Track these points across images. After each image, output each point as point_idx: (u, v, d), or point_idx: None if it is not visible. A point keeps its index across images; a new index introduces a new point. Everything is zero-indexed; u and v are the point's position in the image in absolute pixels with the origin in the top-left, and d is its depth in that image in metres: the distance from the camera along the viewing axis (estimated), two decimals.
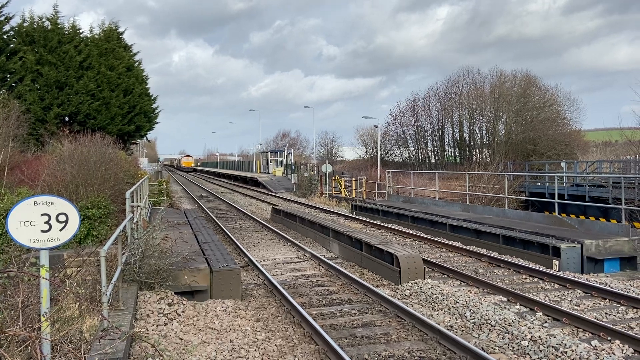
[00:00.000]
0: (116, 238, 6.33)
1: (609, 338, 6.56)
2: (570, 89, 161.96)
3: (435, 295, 8.53)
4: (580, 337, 6.73)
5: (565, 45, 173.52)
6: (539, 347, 6.21)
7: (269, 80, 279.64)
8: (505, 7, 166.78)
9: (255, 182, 45.25)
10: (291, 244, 14.36)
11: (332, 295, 9.02)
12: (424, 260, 10.24)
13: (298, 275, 10.64)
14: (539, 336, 6.44)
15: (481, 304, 7.90)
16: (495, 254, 11.84)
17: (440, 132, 64.04)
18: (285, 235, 15.57)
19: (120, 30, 33.43)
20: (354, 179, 29.96)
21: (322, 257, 11.85)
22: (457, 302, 8.10)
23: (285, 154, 56.98)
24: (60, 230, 4.88)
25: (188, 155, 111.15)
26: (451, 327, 7.19)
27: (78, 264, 6.90)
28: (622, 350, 6.17)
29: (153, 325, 6.73)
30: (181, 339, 6.44)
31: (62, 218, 4.88)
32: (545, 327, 7.06)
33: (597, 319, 7.31)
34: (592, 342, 6.42)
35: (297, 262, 12.11)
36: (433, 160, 64.28)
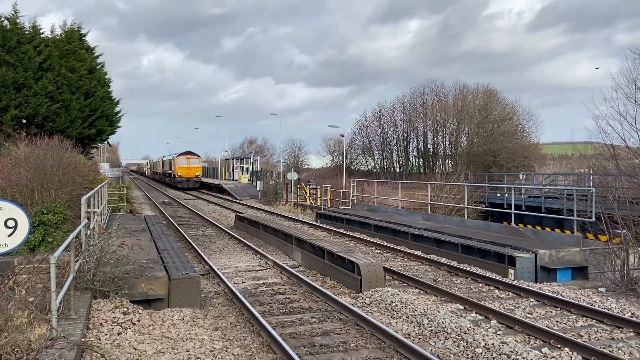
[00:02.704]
0: (68, 244, 6.15)
1: (559, 346, 6.77)
2: (530, 104, 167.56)
3: (394, 304, 8.62)
4: (531, 345, 6.92)
5: (529, 61, 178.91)
6: (492, 355, 6.36)
7: (239, 86, 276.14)
8: (473, 23, 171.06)
9: (220, 189, 44.77)
10: (254, 252, 14.26)
11: (293, 303, 9.01)
12: (384, 268, 10.35)
13: (259, 284, 10.58)
14: (493, 344, 6.60)
15: (439, 312, 8.04)
16: (454, 263, 12.07)
17: (405, 143, 65.09)
18: (248, 242, 15.46)
19: (83, 31, 32.63)
20: (319, 187, 30.04)
21: (285, 265, 11.82)
22: (415, 310, 8.21)
23: (252, 161, 56.65)
24: (9, 236, 4.74)
25: (191, 153, 52.79)
26: (409, 335, 7.29)
27: (29, 271, 6.68)
28: (571, 357, 6.38)
29: (106, 334, 6.56)
30: (135, 349, 6.30)
31: (10, 223, 4.73)
32: (499, 334, 7.24)
33: (548, 327, 7.54)
34: (543, 350, 6.61)
35: (259, 270, 12.04)
36: (398, 170, 65.21)
